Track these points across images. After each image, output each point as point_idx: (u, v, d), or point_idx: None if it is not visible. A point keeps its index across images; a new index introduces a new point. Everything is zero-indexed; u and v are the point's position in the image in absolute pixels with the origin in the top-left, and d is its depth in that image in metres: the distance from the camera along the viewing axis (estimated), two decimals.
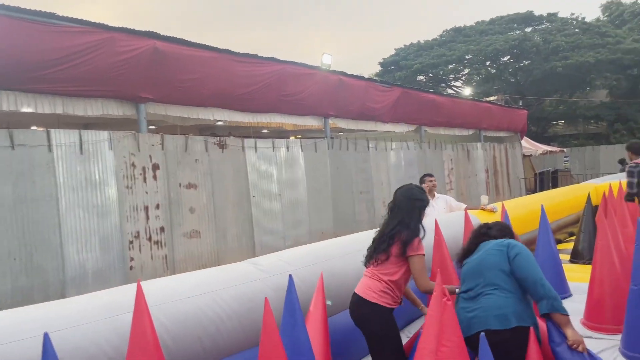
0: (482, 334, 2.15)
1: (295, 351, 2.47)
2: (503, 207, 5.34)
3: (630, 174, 6.28)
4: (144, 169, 6.23)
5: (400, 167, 11.58)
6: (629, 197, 6.06)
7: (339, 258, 3.79)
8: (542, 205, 5.13)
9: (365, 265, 3.10)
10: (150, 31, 6.49)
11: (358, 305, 2.99)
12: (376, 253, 3.01)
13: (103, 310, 2.50)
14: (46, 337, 1.87)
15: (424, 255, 2.93)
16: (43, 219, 5.22)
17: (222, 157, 7.37)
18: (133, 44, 6.18)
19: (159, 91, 6.65)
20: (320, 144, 9.30)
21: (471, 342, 2.51)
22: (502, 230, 3.03)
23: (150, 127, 9.21)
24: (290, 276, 2.74)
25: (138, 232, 6.06)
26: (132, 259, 5.96)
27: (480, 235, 3.03)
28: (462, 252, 3.07)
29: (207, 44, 7.29)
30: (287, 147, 8.54)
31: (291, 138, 10.28)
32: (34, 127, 8.36)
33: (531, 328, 2.55)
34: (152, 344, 2.16)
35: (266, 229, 7.92)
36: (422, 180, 5.66)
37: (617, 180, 8.10)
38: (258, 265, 3.38)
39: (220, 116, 7.90)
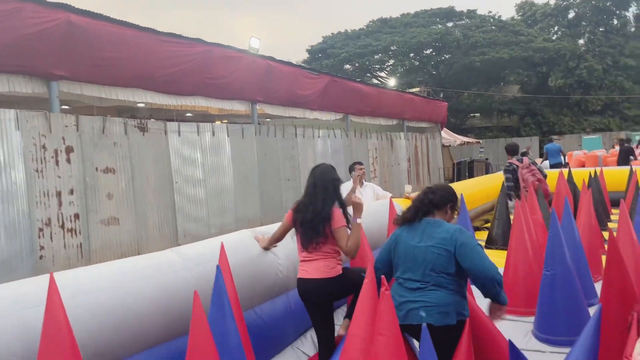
0: (424, 326, 2.15)
1: (224, 344, 2.40)
2: None
3: (505, 172, 6.81)
4: (56, 151, 5.79)
5: (327, 155, 11.66)
6: (509, 196, 6.56)
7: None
8: (461, 194, 5.35)
9: (308, 250, 3.15)
10: (63, 3, 6.00)
11: (323, 286, 3.12)
12: (316, 238, 3.10)
13: (9, 304, 2.29)
14: None
15: (346, 226, 3.11)
16: None
17: (142, 140, 7.02)
18: (44, 15, 5.69)
19: (73, 69, 6.19)
20: (248, 130, 9.14)
21: (407, 329, 2.59)
22: (444, 196, 2.84)
23: (64, 107, 8.59)
24: (217, 267, 2.65)
25: (49, 219, 5.64)
26: (42, 248, 5.54)
27: (425, 201, 2.82)
28: (403, 217, 2.86)
29: (128, 21, 6.88)
30: (213, 132, 8.30)
31: (217, 123, 10.01)
32: None
33: (467, 319, 2.65)
34: (67, 340, 2.00)
35: (190, 217, 7.68)
36: (351, 168, 5.72)
37: None
38: (182, 254, 3.25)
39: (142, 98, 7.52)
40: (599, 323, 2.30)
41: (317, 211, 3.10)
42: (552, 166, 12.44)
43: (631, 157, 12.84)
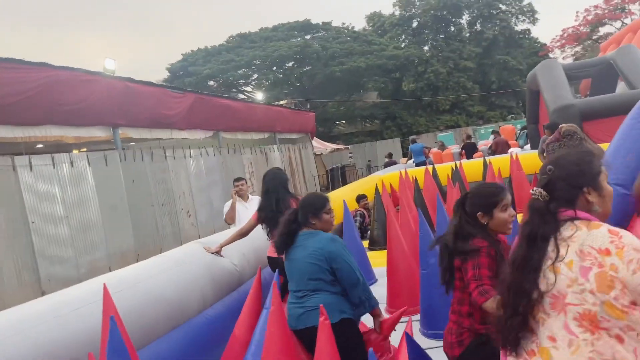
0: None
1: None
2: None
3: None
4: None
5: (201, 175, 11.29)
6: None
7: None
8: (344, 200, 5.50)
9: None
10: None
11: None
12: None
13: None
14: None
15: None
16: None
17: None
18: None
19: None
20: (111, 156, 8.50)
21: (300, 334, 2.77)
22: (304, 214, 2.92)
23: None
24: (112, 318, 2.13)
25: None
26: None
27: (290, 224, 2.94)
28: (280, 242, 2.95)
29: None
30: (71, 162, 7.58)
31: (74, 152, 9.16)
32: None
33: (353, 319, 2.76)
34: None
35: (53, 259, 6.90)
36: (233, 185, 5.58)
37: (397, 171, 9.17)
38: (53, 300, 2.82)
39: None
40: None
41: (277, 207, 3.70)
42: (417, 165, 13.34)
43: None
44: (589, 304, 1.41)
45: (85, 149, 11.49)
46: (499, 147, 12.86)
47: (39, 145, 11.45)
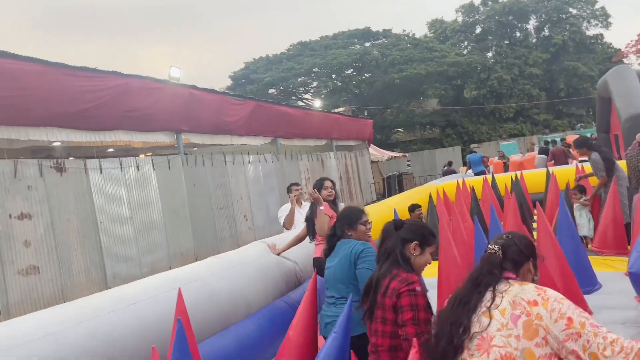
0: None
1: None
2: None
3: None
4: None
5: (259, 180, 11.54)
6: None
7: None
8: (394, 209, 5.46)
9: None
10: None
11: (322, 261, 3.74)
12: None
13: None
14: None
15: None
16: None
17: (61, 181, 6.61)
18: None
19: None
20: (174, 161, 8.87)
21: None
22: (340, 226, 2.99)
23: None
24: (178, 320, 2.17)
25: None
26: None
27: (331, 237, 3.04)
28: (324, 253, 3.10)
29: (33, 57, 6.50)
30: (137, 166, 7.98)
31: (141, 156, 9.64)
32: None
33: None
34: None
35: (119, 257, 7.28)
36: (289, 190, 5.68)
37: (454, 180, 8.99)
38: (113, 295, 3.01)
39: (56, 136, 7.09)
40: None
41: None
42: (476, 174, 13.01)
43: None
44: (512, 348, 1.61)
45: (150, 154, 12.06)
46: (556, 157, 12.29)
47: (110, 150, 12.14)
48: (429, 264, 2.38)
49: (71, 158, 8.18)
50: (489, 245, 1.93)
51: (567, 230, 4.26)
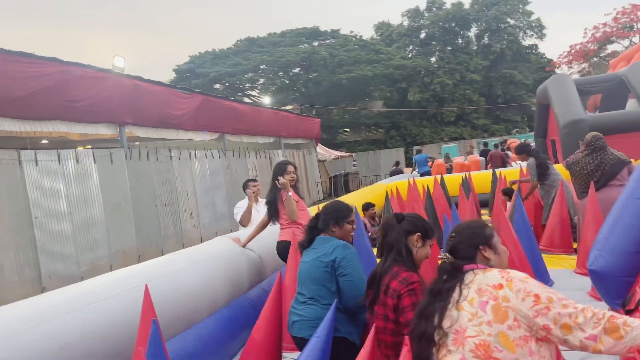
0: (306, 339, 2.20)
1: None
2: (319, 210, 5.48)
3: None
4: None
5: (206, 176, 11.23)
6: None
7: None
8: (354, 207, 5.39)
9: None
10: None
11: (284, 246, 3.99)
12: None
13: None
14: None
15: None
16: None
17: None
18: None
19: None
20: (117, 155, 8.44)
21: (294, 340, 2.71)
22: (325, 220, 2.83)
23: None
24: (154, 321, 1.92)
25: None
26: None
27: (312, 228, 2.88)
28: (301, 245, 2.93)
29: None
30: (77, 159, 7.53)
31: (79, 149, 9.10)
32: None
33: (350, 339, 2.54)
34: None
35: (55, 255, 6.83)
36: (245, 186, 5.49)
37: (405, 180, 9.10)
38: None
39: None
40: None
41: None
42: (421, 174, 13.28)
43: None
44: (485, 335, 1.61)
45: (89, 146, 11.45)
46: (493, 160, 12.74)
47: (44, 141, 11.41)
48: (428, 257, 2.40)
49: (2, 149, 7.60)
50: (439, 255, 1.95)
51: (523, 227, 4.37)
